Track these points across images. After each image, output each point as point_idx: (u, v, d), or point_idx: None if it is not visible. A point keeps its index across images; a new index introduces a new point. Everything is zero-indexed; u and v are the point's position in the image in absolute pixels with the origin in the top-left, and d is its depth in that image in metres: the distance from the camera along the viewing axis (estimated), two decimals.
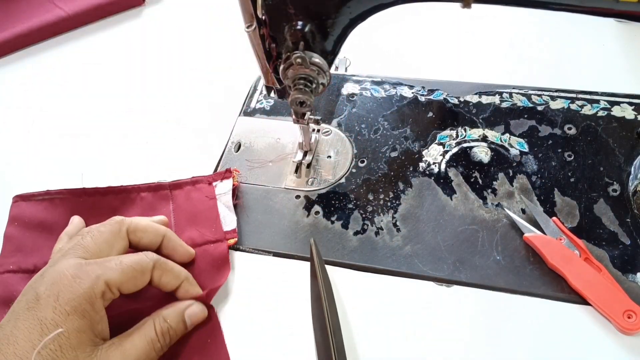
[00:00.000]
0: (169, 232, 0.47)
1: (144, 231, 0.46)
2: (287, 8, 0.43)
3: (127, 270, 0.41)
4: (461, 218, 0.50)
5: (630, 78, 0.60)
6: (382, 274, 0.47)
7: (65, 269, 0.40)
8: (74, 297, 0.38)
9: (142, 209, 0.53)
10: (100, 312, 0.40)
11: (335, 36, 0.46)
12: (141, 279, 0.42)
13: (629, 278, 0.44)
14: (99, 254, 0.42)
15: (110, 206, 0.53)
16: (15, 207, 0.54)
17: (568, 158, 0.53)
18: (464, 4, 0.40)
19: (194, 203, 0.53)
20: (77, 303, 0.38)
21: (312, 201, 0.53)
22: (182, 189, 0.54)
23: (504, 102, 0.58)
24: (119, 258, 0.42)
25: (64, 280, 0.39)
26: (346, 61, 0.65)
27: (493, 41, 0.68)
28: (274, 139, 0.59)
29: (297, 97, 0.46)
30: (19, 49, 0.75)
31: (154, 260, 0.43)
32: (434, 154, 0.55)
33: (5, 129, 0.66)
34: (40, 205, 0.53)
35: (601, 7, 0.38)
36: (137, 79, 0.69)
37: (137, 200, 0.53)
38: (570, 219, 0.48)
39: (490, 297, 0.45)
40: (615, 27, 0.66)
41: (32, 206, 0.53)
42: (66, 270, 0.40)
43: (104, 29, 0.77)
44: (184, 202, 0.53)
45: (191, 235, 0.50)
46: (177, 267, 0.45)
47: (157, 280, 0.43)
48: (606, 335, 0.42)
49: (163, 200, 0.53)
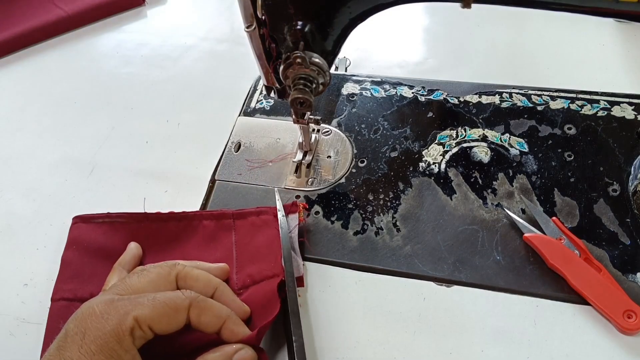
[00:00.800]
0: (222, 285, 0.44)
1: (195, 280, 0.42)
2: (287, 8, 0.43)
3: (158, 306, 0.38)
4: (461, 218, 0.50)
5: (630, 78, 0.60)
6: (382, 274, 0.47)
7: (95, 305, 0.38)
8: (100, 335, 0.36)
9: (203, 238, 0.50)
10: (130, 351, 0.37)
11: (335, 36, 0.46)
12: (175, 317, 0.38)
13: (629, 278, 0.44)
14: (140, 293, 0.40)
15: (171, 233, 0.50)
16: (74, 229, 0.51)
17: (568, 158, 0.53)
18: (464, 4, 0.40)
19: (256, 236, 0.49)
20: (103, 341, 0.36)
21: (312, 201, 0.53)
22: (246, 220, 0.50)
23: (504, 102, 0.58)
24: (153, 294, 0.39)
25: (92, 317, 0.37)
26: (346, 61, 0.65)
27: (493, 41, 0.68)
28: (274, 139, 0.59)
29: (297, 97, 0.46)
30: (19, 49, 0.75)
31: (190, 298, 0.39)
32: (434, 154, 0.55)
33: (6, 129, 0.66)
34: (100, 229, 0.51)
35: (601, 7, 0.38)
36: (137, 79, 0.69)
37: (199, 229, 0.50)
38: (570, 219, 0.48)
39: (490, 297, 0.45)
40: (615, 27, 0.66)
41: (92, 230, 0.51)
42: (96, 307, 0.37)
43: (104, 29, 0.77)
44: (247, 234, 0.50)
45: (251, 273, 0.47)
46: (217, 305, 0.41)
47: (196, 320, 0.39)
48: (606, 335, 0.42)
49: (226, 231, 0.50)
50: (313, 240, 0.50)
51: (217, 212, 0.51)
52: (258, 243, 0.49)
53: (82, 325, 0.37)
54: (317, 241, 0.50)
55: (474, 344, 0.43)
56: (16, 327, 0.47)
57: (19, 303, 0.49)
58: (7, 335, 0.46)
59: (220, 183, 0.55)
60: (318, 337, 0.44)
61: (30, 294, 0.49)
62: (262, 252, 0.48)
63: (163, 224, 0.51)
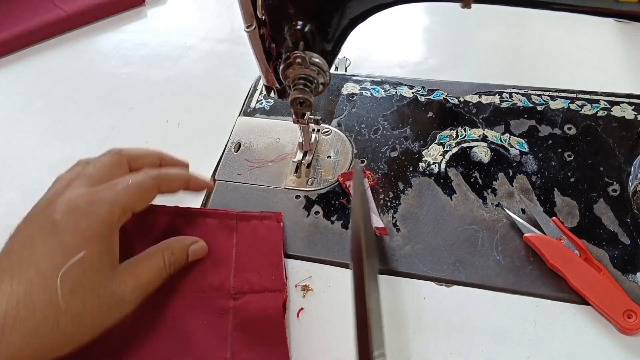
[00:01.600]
0: (160, 152, 0.49)
1: (144, 157, 0.47)
2: (287, 8, 0.43)
3: (135, 191, 0.43)
4: (461, 218, 0.50)
5: (630, 78, 0.60)
6: (382, 274, 0.47)
7: (77, 198, 0.41)
8: (93, 224, 0.40)
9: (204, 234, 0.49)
10: (116, 235, 0.42)
11: (335, 36, 0.46)
12: (150, 196, 0.45)
13: (629, 278, 0.44)
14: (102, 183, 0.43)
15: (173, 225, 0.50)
16: None
17: (568, 158, 0.53)
18: (464, 4, 0.40)
19: (258, 241, 0.49)
20: (97, 229, 0.40)
21: (312, 201, 0.53)
22: (249, 223, 0.50)
23: (504, 102, 0.58)
24: (125, 180, 0.43)
25: (80, 209, 0.40)
26: (346, 61, 0.65)
27: (493, 41, 0.68)
28: (274, 139, 0.59)
29: (297, 97, 0.46)
30: (19, 49, 0.75)
31: (156, 176, 0.45)
32: (433, 154, 0.55)
33: (6, 129, 0.66)
34: None
35: (601, 7, 0.39)
36: (137, 79, 0.69)
37: (201, 225, 0.50)
38: (570, 219, 0.48)
39: (490, 297, 0.45)
40: (615, 27, 0.66)
41: None
42: (79, 199, 0.41)
43: (104, 29, 0.77)
44: (248, 238, 0.49)
45: (250, 279, 0.47)
46: (176, 172, 0.47)
47: (166, 190, 0.46)
48: (606, 335, 0.42)
49: (228, 230, 0.50)
50: (313, 240, 0.50)
51: (222, 212, 0.51)
52: (259, 250, 0.49)
53: (72, 216, 0.40)
54: (317, 241, 0.50)
55: (474, 344, 0.43)
56: None
57: None
58: None
59: (220, 183, 0.55)
60: (318, 337, 0.44)
61: None
62: (262, 260, 0.48)
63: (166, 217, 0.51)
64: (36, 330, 0.37)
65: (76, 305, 0.38)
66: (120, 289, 0.41)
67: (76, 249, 0.39)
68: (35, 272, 0.38)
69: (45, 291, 0.37)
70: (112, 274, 0.41)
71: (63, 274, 0.38)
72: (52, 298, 0.37)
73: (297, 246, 0.50)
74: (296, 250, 0.49)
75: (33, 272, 0.38)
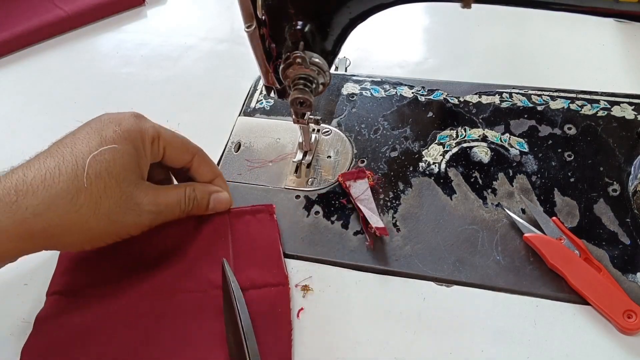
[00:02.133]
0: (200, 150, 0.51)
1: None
2: (287, 8, 0.43)
3: (175, 137, 0.48)
4: (461, 218, 0.50)
5: (630, 78, 0.60)
6: (382, 274, 0.47)
7: (127, 115, 0.46)
8: (131, 129, 0.44)
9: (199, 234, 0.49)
10: (147, 154, 0.45)
11: (335, 36, 0.46)
12: (183, 152, 0.49)
13: (629, 278, 0.44)
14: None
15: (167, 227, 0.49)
16: None
17: (568, 158, 0.53)
18: (464, 4, 0.40)
19: (254, 236, 0.49)
20: (134, 134, 0.44)
21: (312, 201, 0.53)
22: (242, 218, 0.50)
23: (504, 102, 0.58)
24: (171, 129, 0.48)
25: (127, 117, 0.45)
26: (346, 61, 0.65)
27: (493, 41, 0.68)
28: (274, 139, 0.59)
29: (297, 97, 0.46)
30: (19, 49, 0.75)
31: (198, 147, 0.50)
32: (434, 154, 0.55)
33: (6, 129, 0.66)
34: None
35: (601, 7, 0.39)
36: (137, 79, 0.69)
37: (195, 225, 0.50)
38: (570, 219, 0.48)
39: (490, 297, 0.45)
40: (615, 27, 0.66)
41: None
42: (128, 115, 0.46)
43: (104, 29, 0.77)
44: (244, 234, 0.49)
45: (251, 276, 0.46)
46: (214, 164, 0.52)
47: (196, 168, 0.49)
48: (606, 335, 0.42)
49: (222, 228, 0.50)
50: (313, 240, 0.50)
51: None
52: (256, 244, 0.49)
53: (117, 119, 0.45)
54: (317, 241, 0.50)
55: (474, 344, 0.43)
56: (16, 327, 0.47)
57: (19, 303, 0.48)
58: (7, 335, 0.46)
59: None
60: (318, 337, 0.44)
61: (30, 294, 0.49)
62: (261, 255, 0.48)
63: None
64: (55, 198, 0.40)
65: (98, 187, 0.41)
66: (140, 195, 0.44)
67: (112, 142, 0.43)
68: (70, 151, 0.42)
69: (74, 166, 0.41)
70: (137, 180, 0.44)
71: (93, 157, 0.41)
72: (78, 174, 0.41)
73: (297, 246, 0.50)
74: (296, 250, 0.49)
75: (68, 150, 0.42)
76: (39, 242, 0.42)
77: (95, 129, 0.44)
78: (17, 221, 0.39)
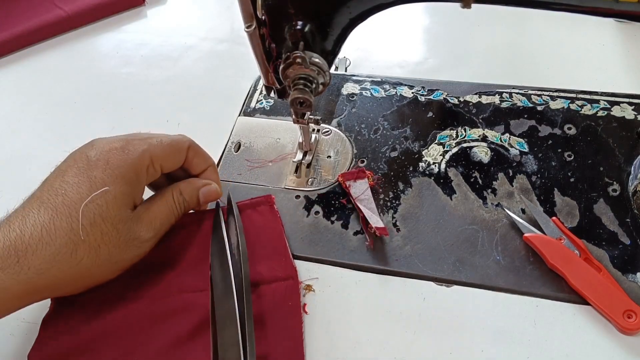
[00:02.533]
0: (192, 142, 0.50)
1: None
2: (287, 8, 0.43)
3: (166, 147, 0.46)
4: (461, 218, 0.50)
5: (630, 78, 0.60)
6: (382, 274, 0.47)
7: (114, 142, 0.45)
8: (123, 165, 0.43)
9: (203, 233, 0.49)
10: (142, 183, 0.45)
11: (335, 36, 0.46)
12: (178, 157, 0.48)
13: (629, 278, 0.44)
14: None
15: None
16: None
17: (568, 158, 0.53)
18: (464, 4, 0.40)
19: (257, 230, 0.49)
20: (125, 170, 0.43)
21: (312, 201, 0.53)
22: (243, 213, 0.50)
23: (504, 102, 0.58)
24: (159, 136, 0.47)
25: (114, 151, 0.44)
26: (346, 61, 0.65)
27: (493, 41, 0.68)
28: (274, 139, 0.59)
29: (297, 97, 0.46)
30: (19, 49, 0.75)
31: (189, 141, 0.49)
32: (433, 154, 0.55)
33: (6, 129, 0.66)
34: None
35: (601, 7, 0.38)
36: (137, 79, 0.69)
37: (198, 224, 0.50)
38: (570, 219, 0.48)
39: (490, 297, 0.45)
40: (615, 27, 0.66)
41: None
42: (115, 143, 0.44)
43: (104, 29, 0.77)
44: (247, 228, 0.49)
45: (260, 270, 0.46)
46: (206, 153, 0.50)
47: (190, 160, 0.49)
48: (606, 335, 0.42)
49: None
50: (313, 240, 0.50)
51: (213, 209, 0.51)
52: (261, 238, 0.49)
53: (105, 155, 0.43)
54: (317, 241, 0.50)
55: (474, 344, 0.43)
56: (16, 327, 0.47)
57: None
58: (7, 335, 0.46)
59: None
60: (318, 337, 0.44)
61: None
62: (267, 248, 0.48)
63: None
64: (56, 255, 0.39)
65: (95, 236, 0.41)
66: (137, 227, 0.43)
67: (102, 185, 0.41)
68: (61, 201, 0.41)
69: (68, 219, 0.40)
70: (132, 213, 0.43)
71: (86, 205, 0.40)
72: (74, 226, 0.40)
73: (297, 246, 0.49)
74: (296, 250, 0.49)
75: (60, 200, 0.41)
76: (44, 295, 0.42)
77: (82, 169, 0.42)
78: (22, 281, 0.39)
